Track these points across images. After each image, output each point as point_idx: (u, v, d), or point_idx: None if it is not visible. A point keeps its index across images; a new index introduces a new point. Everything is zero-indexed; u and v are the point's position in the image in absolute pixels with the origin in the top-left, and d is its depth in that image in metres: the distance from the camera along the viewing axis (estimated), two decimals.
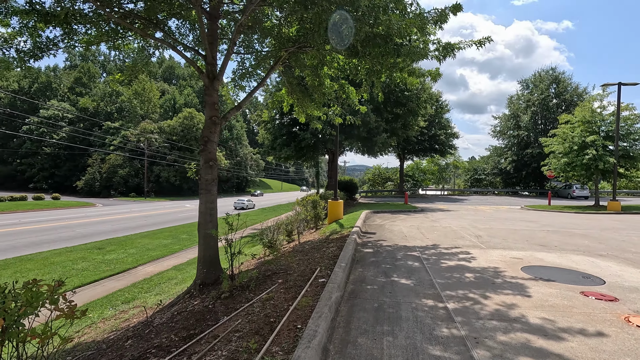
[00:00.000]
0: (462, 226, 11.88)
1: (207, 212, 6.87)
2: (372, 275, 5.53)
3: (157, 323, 5.23)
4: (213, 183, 6.96)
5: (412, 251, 7.46)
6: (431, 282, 5.19)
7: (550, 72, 41.64)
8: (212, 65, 6.82)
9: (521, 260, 6.63)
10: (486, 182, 48.87)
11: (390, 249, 7.64)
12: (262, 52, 8.91)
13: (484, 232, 10.32)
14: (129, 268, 14.30)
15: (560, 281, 5.24)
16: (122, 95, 72.96)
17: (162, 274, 13.32)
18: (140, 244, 18.83)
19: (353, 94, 10.09)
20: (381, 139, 21.61)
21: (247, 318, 3.88)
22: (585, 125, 22.45)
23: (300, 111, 10.65)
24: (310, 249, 7.84)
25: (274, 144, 24.79)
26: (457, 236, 9.60)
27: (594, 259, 6.77)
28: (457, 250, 7.53)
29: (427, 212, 18.10)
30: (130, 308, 9.47)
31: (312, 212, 13.21)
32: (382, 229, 11.01)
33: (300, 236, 11.30)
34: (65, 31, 7.02)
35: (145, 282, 12.35)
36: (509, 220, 14.00)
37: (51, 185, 66.66)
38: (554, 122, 40.07)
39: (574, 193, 35.19)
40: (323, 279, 4.95)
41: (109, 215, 32.17)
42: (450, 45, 7.25)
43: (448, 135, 37.26)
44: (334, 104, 10.40)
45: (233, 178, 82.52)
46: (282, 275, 5.48)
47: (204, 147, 6.87)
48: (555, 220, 14.39)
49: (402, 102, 22.77)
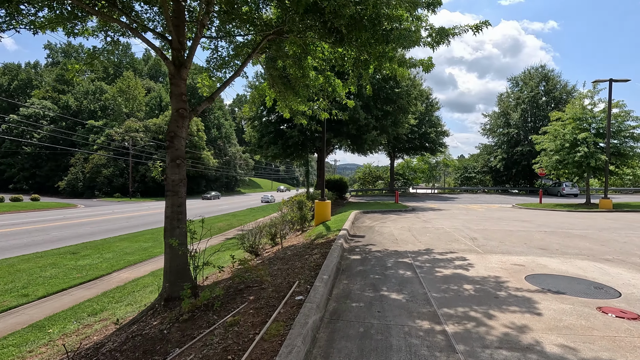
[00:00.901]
0: (456, 227, 11.30)
1: (174, 217, 6.09)
2: (359, 289, 4.84)
3: (106, 349, 4.44)
4: (181, 184, 6.18)
5: (403, 257, 6.79)
6: (426, 297, 4.51)
7: (539, 69, 41.64)
8: (178, 51, 6.02)
9: (523, 267, 6.01)
10: (476, 180, 48.79)
11: (380, 255, 6.96)
12: (238, 39, 8.13)
13: (479, 234, 9.73)
14: (103, 275, 13.35)
15: (571, 293, 4.63)
16: (106, 93, 71.02)
17: (137, 281, 12.42)
18: (118, 248, 17.83)
19: (340, 87, 9.38)
20: (371, 137, 20.96)
21: (201, 352, 3.14)
22: (576, 123, 22.19)
23: (284, 106, 9.91)
24: (292, 256, 7.12)
25: (260, 142, 23.95)
26: (451, 239, 8.98)
27: (601, 265, 6.19)
28: (452, 256, 6.89)
29: (418, 211, 17.53)
30: (96, 321, 8.61)
31: (297, 214, 12.48)
32: (372, 231, 10.34)
33: (284, 240, 10.56)
34: (9, 12, 6.14)
35: (118, 290, 11.45)
36: (502, 220, 13.49)
37: (32, 185, 64.43)
38: (543, 119, 40.09)
39: (564, 191, 35.16)
40: (301, 296, 4.23)
41: (90, 216, 30.89)
42: (444, 31, 6.59)
43: (438, 134, 36.89)
44: (319, 97, 9.67)
45: (222, 177, 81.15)
46: (256, 291, 4.75)
47: (170, 144, 6.08)
48: (549, 220, 13.94)
49: (392, 99, 22.15)
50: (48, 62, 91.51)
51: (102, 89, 72.83)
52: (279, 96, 9.43)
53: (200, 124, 70.56)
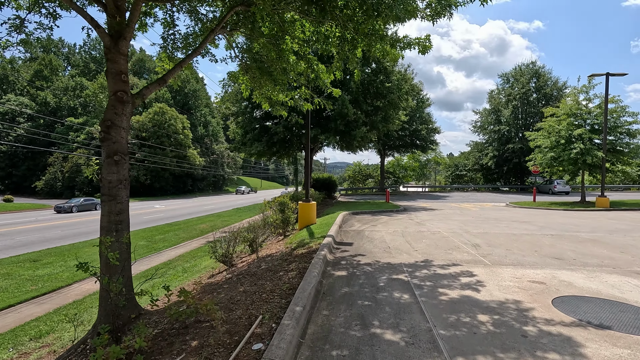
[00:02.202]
0: (453, 231, 10.24)
1: (111, 228, 4.83)
2: (343, 324, 3.67)
3: None
4: (120, 186, 4.91)
5: (398, 273, 5.65)
6: (431, 336, 3.37)
7: (530, 66, 41.10)
8: (114, 18, 4.74)
9: (545, 285, 4.93)
10: (467, 178, 48.21)
11: (370, 270, 5.80)
12: (201, 11, 6.87)
13: (481, 240, 8.67)
14: (62, 286, 11.92)
15: (619, 327, 3.54)
16: (87, 89, 68.40)
17: (98, 294, 11.06)
18: (86, 254, 16.31)
19: (324, 73, 8.19)
20: (360, 133, 19.83)
21: None
22: (571, 118, 21.48)
23: (260, 95, 8.69)
24: (265, 271, 5.92)
25: (244, 139, 22.61)
26: (450, 246, 7.89)
27: (637, 282, 5.15)
28: (456, 270, 5.78)
29: (410, 212, 16.50)
30: (37, 348, 7.29)
31: (279, 217, 11.26)
32: (361, 237, 9.20)
33: (260, 249, 9.34)
34: None
35: (75, 305, 10.07)
36: (501, 222, 12.52)
37: (8, 186, 61.55)
38: (534, 116, 39.62)
39: (555, 189, 34.66)
40: (260, 344, 3.03)
41: (65, 219, 29.05)
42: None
43: (429, 131, 36.04)
44: (300, 84, 8.46)
45: (209, 176, 79.13)
46: (204, 330, 3.53)
47: (106, 135, 4.80)
48: (550, 220, 13.02)
49: (382, 94, 21.05)
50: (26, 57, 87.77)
51: (83, 85, 70.12)
52: (254, 83, 8.20)
53: (186, 122, 68.51)
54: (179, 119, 66.33)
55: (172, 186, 66.79)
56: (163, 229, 23.92)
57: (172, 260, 15.64)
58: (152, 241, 19.84)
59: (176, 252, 17.10)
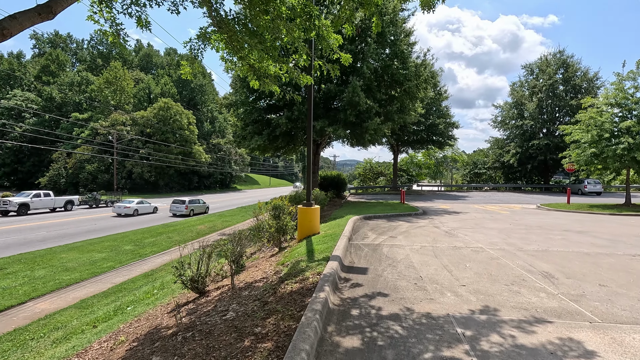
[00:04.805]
0: (498, 246, 7.81)
1: None
2: None
3: None
4: None
5: (450, 341, 3.31)
6: None
7: (557, 55, 37.86)
8: None
9: None
10: (486, 176, 45.20)
11: (402, 335, 3.46)
12: None
13: (548, 265, 6.22)
14: (12, 305, 9.89)
15: None
16: (92, 84, 67.30)
17: (52, 317, 8.96)
18: (60, 261, 14.37)
19: (329, 32, 5.87)
20: (373, 125, 17.40)
21: None
22: (616, 109, 18.68)
23: (245, 66, 6.42)
24: (227, 330, 3.64)
25: (243, 132, 20.43)
26: (510, 276, 5.49)
27: None
28: (549, 338, 3.41)
29: (432, 215, 14.06)
30: None
31: (273, 224, 8.99)
32: (378, 256, 6.85)
33: (244, 269, 7.08)
34: None
35: (14, 335, 7.99)
36: (550, 232, 10.01)
37: (13, 182, 60.87)
38: (562, 109, 36.51)
39: (586, 189, 31.58)
40: None
41: (54, 218, 27.30)
42: None
43: (447, 125, 33.29)
44: (298, 48, 6.13)
45: (216, 174, 77.34)
46: None
47: None
48: (611, 231, 10.46)
49: (398, 81, 18.58)
50: (35, 53, 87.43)
51: (89, 80, 69.06)
52: (234, 45, 5.92)
53: (192, 117, 66.81)
54: (185, 114, 64.66)
55: (177, 183, 65.30)
56: (156, 231, 21.94)
57: (155, 270, 13.54)
58: (140, 245, 17.83)
59: (162, 259, 15.01)
